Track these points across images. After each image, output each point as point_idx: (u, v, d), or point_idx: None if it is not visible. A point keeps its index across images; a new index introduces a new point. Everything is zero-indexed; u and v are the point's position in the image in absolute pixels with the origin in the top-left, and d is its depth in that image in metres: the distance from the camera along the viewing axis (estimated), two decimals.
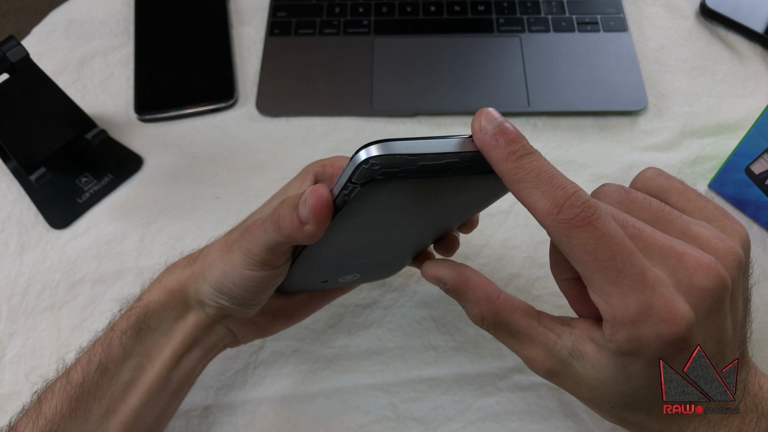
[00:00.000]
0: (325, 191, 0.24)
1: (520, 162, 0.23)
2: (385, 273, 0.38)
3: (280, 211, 0.27)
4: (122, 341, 0.32)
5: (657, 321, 0.22)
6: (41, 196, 0.47)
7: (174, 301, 0.33)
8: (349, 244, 0.29)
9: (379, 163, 0.21)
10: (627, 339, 0.23)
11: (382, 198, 0.23)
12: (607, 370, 0.25)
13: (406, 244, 0.32)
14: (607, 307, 0.23)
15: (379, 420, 0.39)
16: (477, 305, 0.27)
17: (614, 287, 0.23)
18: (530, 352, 0.27)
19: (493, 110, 0.23)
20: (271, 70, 0.54)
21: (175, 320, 0.33)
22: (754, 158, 0.43)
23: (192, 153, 0.50)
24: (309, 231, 0.25)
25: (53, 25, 0.57)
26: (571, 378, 0.27)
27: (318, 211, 0.24)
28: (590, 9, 0.56)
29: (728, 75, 0.53)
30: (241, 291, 0.31)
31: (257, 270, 0.29)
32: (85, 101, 0.53)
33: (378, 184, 0.22)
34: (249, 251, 0.29)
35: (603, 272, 0.23)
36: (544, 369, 0.27)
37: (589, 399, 0.27)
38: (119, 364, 0.31)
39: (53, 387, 0.31)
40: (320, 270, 0.33)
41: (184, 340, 0.33)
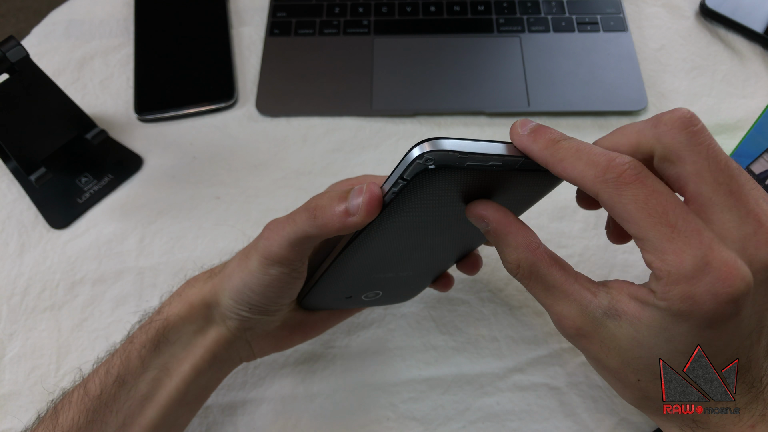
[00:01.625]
0: (377, 187, 0.25)
1: (559, 144, 0.24)
2: (405, 293, 0.39)
3: (318, 202, 0.27)
4: (141, 354, 0.31)
5: (714, 279, 0.22)
6: (41, 196, 0.47)
7: (194, 315, 0.32)
8: (383, 249, 0.29)
9: (433, 159, 0.22)
10: (680, 297, 0.22)
11: (428, 194, 0.24)
12: (648, 329, 0.24)
13: (434, 258, 0.33)
14: (662, 264, 0.22)
15: (379, 420, 0.39)
16: (516, 250, 0.26)
17: (669, 243, 0.22)
18: (562, 308, 0.26)
19: (525, 118, 0.25)
20: (271, 70, 0.54)
21: (194, 334, 0.33)
22: (754, 158, 0.43)
23: (192, 153, 0.50)
24: (353, 222, 0.25)
25: (53, 25, 0.57)
26: (601, 341, 0.25)
27: (371, 204, 0.24)
28: (590, 9, 0.56)
29: (728, 75, 0.53)
30: (260, 297, 0.31)
31: (274, 270, 0.29)
32: (85, 101, 0.53)
33: (428, 176, 0.23)
34: (267, 250, 0.29)
35: (657, 228, 0.22)
36: (574, 328, 0.26)
37: (615, 368, 0.26)
38: (137, 377, 0.31)
39: (70, 397, 0.31)
40: (347, 282, 0.33)
41: (203, 354, 0.33)
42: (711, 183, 0.23)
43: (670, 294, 0.22)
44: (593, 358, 0.26)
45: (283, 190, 0.48)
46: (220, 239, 0.46)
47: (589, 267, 0.43)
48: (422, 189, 0.24)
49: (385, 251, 0.30)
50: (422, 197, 0.25)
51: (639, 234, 0.23)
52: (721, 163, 0.22)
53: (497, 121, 0.51)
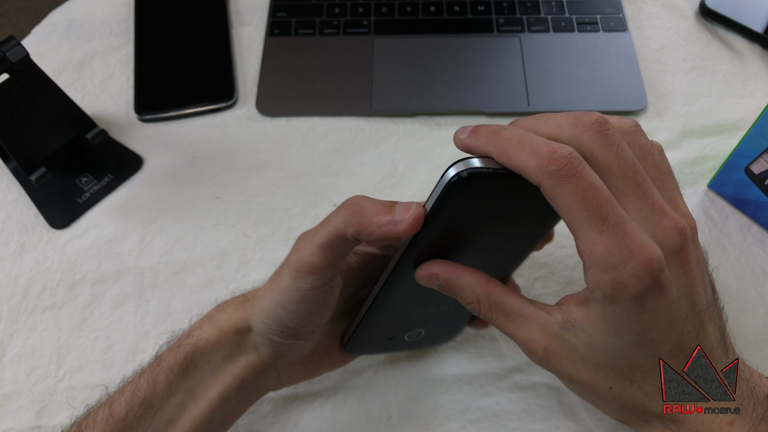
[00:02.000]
0: (421, 206, 0.26)
1: (500, 135, 0.25)
2: (446, 332, 0.39)
3: (359, 201, 0.28)
4: (168, 378, 0.31)
5: (636, 263, 0.24)
6: (41, 196, 0.47)
7: (225, 341, 0.32)
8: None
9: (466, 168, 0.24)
10: (611, 283, 0.24)
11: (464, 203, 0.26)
12: (597, 329, 0.26)
13: None
14: (591, 254, 0.24)
15: (379, 420, 0.39)
16: (470, 290, 0.28)
17: (599, 235, 0.24)
18: (526, 331, 0.28)
19: (463, 126, 0.27)
20: (271, 70, 0.54)
21: (223, 361, 0.32)
22: (754, 158, 0.43)
23: (192, 153, 0.50)
24: (396, 232, 0.26)
25: (53, 25, 0.57)
26: (567, 356, 0.27)
27: (416, 221, 0.26)
28: (590, 9, 0.56)
29: (728, 75, 0.53)
30: (293, 317, 0.30)
31: (306, 283, 0.29)
32: (85, 101, 0.53)
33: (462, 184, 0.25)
34: (298, 261, 0.29)
35: (590, 220, 0.24)
36: (541, 348, 0.27)
37: (587, 381, 0.27)
38: (163, 400, 0.31)
39: (95, 416, 0.31)
40: (391, 319, 0.33)
41: (231, 381, 0.32)
42: (621, 177, 0.25)
43: (602, 282, 0.24)
44: (567, 377, 0.28)
45: (283, 190, 0.48)
46: (220, 239, 0.46)
47: None
48: (458, 197, 0.25)
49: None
50: (459, 207, 0.26)
51: (574, 224, 0.24)
52: (628, 160, 0.25)
53: (497, 121, 0.51)
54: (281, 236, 0.46)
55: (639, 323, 0.25)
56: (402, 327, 0.34)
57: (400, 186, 0.48)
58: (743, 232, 0.45)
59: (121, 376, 0.41)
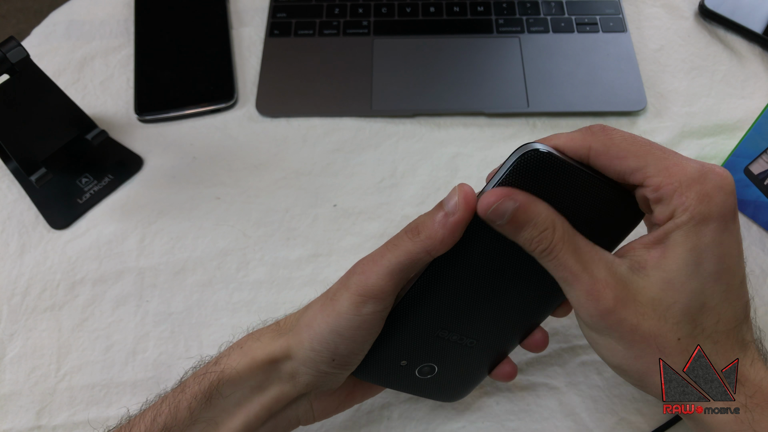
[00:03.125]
0: (467, 185, 0.27)
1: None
2: (460, 381, 0.35)
3: (417, 221, 0.28)
4: (191, 406, 0.30)
5: (716, 177, 0.25)
6: (41, 197, 0.47)
7: (256, 370, 0.31)
8: (461, 277, 0.29)
9: (533, 148, 0.26)
10: (697, 197, 0.25)
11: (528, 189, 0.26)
12: (676, 261, 0.25)
13: (500, 326, 0.32)
14: (668, 179, 0.25)
15: (379, 420, 0.39)
16: (547, 215, 0.26)
17: (666, 160, 0.25)
18: (594, 270, 0.26)
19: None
20: (271, 71, 0.54)
21: (251, 391, 0.31)
22: (753, 158, 0.43)
23: (192, 153, 0.50)
24: (456, 220, 0.26)
25: (53, 25, 0.58)
26: (635, 301, 0.26)
27: (467, 198, 0.26)
28: (589, 10, 0.56)
29: (727, 75, 0.53)
30: (348, 344, 0.29)
31: (368, 309, 0.28)
32: (86, 102, 0.53)
33: (529, 163, 0.26)
34: (362, 286, 0.28)
35: (651, 153, 0.25)
36: (611, 292, 0.26)
37: (654, 331, 0.26)
38: (184, 428, 0.30)
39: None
40: (408, 334, 0.31)
41: (258, 412, 0.31)
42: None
43: (688, 200, 0.25)
44: (629, 330, 0.26)
45: (283, 191, 0.48)
46: (221, 239, 0.46)
47: None
48: (523, 177, 0.26)
49: (461, 283, 0.29)
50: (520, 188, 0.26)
51: (639, 163, 0.26)
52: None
53: (497, 122, 0.51)
54: (281, 236, 0.46)
55: (721, 246, 0.25)
56: (418, 351, 0.32)
57: (400, 186, 0.48)
58: (743, 233, 0.45)
59: (121, 376, 0.41)
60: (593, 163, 0.27)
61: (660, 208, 0.26)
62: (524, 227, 0.26)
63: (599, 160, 0.27)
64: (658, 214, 0.26)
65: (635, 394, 0.39)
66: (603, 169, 0.27)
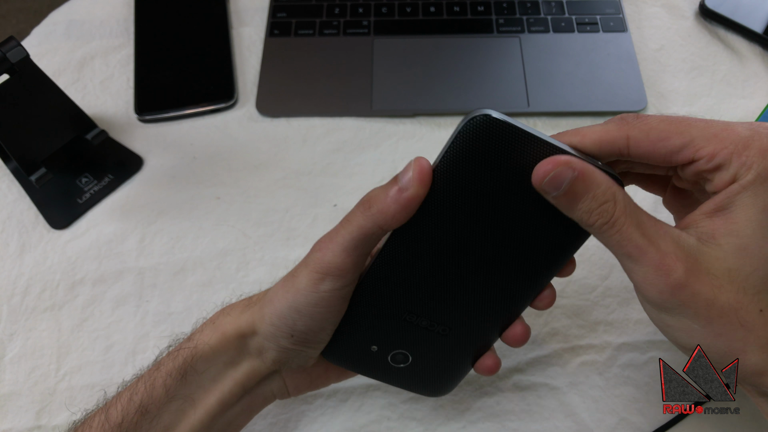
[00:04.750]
0: (424, 158, 0.25)
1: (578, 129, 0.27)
2: (439, 375, 0.33)
3: (369, 194, 0.27)
4: (166, 383, 0.30)
5: (766, 131, 0.24)
6: (41, 197, 0.47)
7: (227, 345, 0.31)
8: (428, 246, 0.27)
9: (481, 115, 0.24)
10: (759, 153, 0.23)
11: (474, 156, 0.25)
12: (749, 224, 0.24)
13: (478, 306, 0.30)
14: (721, 144, 0.24)
15: (379, 420, 0.39)
16: (608, 187, 0.25)
17: (713, 127, 0.24)
18: (661, 244, 0.24)
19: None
20: (271, 71, 0.54)
21: (225, 366, 0.31)
22: None
23: (192, 153, 0.50)
24: (409, 196, 0.25)
25: (53, 25, 0.58)
26: (708, 274, 0.24)
27: (422, 172, 0.25)
28: (589, 9, 0.56)
29: (727, 75, 0.53)
30: (306, 320, 0.29)
31: (326, 285, 0.28)
32: (86, 102, 0.53)
33: (475, 131, 0.24)
34: (320, 262, 0.28)
35: (693, 125, 0.25)
36: (681, 264, 0.24)
37: (733, 304, 0.24)
38: (161, 406, 0.30)
39: (91, 422, 0.30)
40: (374, 319, 0.30)
41: (232, 388, 0.31)
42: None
43: (749, 159, 0.24)
44: (706, 305, 0.24)
45: (283, 191, 0.48)
46: (220, 239, 0.46)
47: (589, 267, 0.43)
48: (474, 146, 0.25)
49: (425, 262, 0.28)
50: (473, 158, 0.25)
51: (684, 140, 0.25)
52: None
53: None
54: (281, 236, 0.46)
55: None
56: (386, 336, 0.31)
57: None
58: None
59: (121, 376, 0.41)
60: (633, 152, 0.26)
61: (720, 175, 0.24)
62: (582, 199, 0.24)
63: (641, 148, 0.25)
64: (718, 182, 0.24)
65: (636, 394, 0.39)
66: (646, 156, 0.26)
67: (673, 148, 0.25)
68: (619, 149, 0.26)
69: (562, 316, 0.42)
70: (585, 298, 0.42)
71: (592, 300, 0.42)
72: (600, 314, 0.42)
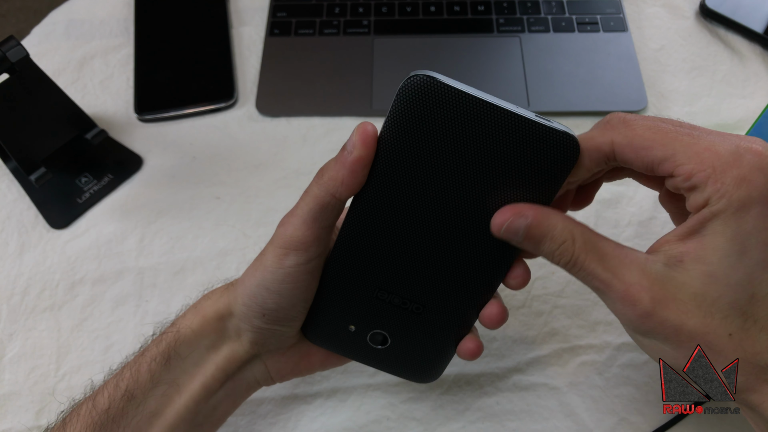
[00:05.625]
0: (369, 123, 0.25)
1: None
2: (420, 357, 0.32)
3: (322, 167, 0.27)
4: (151, 368, 0.30)
5: (752, 156, 0.23)
6: (41, 196, 0.47)
7: (207, 329, 0.31)
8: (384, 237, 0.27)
9: (421, 75, 0.23)
10: (734, 182, 0.23)
11: (419, 116, 0.24)
12: (717, 252, 0.23)
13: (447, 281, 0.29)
14: (700, 165, 0.23)
15: (379, 420, 0.39)
16: (564, 227, 0.25)
17: (697, 144, 0.24)
18: (626, 275, 0.25)
19: None
20: (271, 70, 0.54)
21: (207, 350, 0.31)
22: None
23: (192, 153, 0.50)
24: (354, 158, 0.25)
25: (53, 25, 0.57)
26: (676, 299, 0.24)
27: (364, 134, 0.25)
28: (590, 9, 0.56)
29: (728, 75, 0.53)
30: (276, 297, 0.29)
31: (290, 260, 0.28)
32: (85, 101, 0.53)
33: (415, 90, 0.23)
34: (282, 237, 0.28)
35: (679, 139, 0.24)
36: (646, 294, 0.24)
37: (701, 329, 0.24)
38: (146, 392, 0.30)
39: (79, 410, 0.30)
40: (347, 297, 0.30)
41: (215, 373, 0.31)
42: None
43: (724, 187, 0.23)
44: (674, 330, 0.24)
45: (283, 190, 0.48)
46: (220, 239, 0.46)
47: None
48: (411, 107, 0.24)
49: (388, 234, 0.27)
50: (413, 120, 0.24)
51: (666, 152, 0.24)
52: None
53: None
54: None
55: (766, 230, 0.23)
56: (362, 316, 0.31)
57: None
58: None
59: None
60: (619, 158, 0.26)
61: (694, 196, 0.24)
62: (542, 242, 0.25)
63: (624, 154, 0.25)
64: (692, 202, 0.24)
65: (635, 394, 0.39)
66: (630, 163, 0.26)
67: (654, 159, 0.25)
68: (606, 155, 0.26)
69: (562, 316, 0.42)
70: (585, 298, 0.42)
71: (592, 300, 0.42)
72: (600, 314, 0.42)
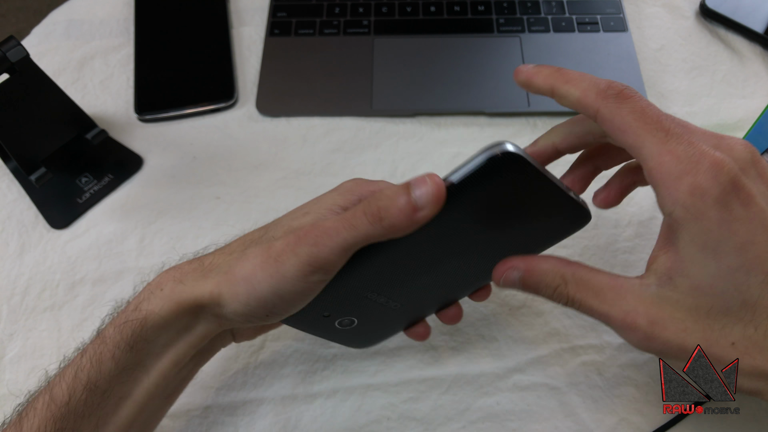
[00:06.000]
0: (438, 177, 0.25)
1: (563, 70, 0.28)
2: (377, 333, 0.37)
3: (379, 204, 0.25)
4: (115, 356, 0.29)
5: (709, 166, 0.23)
6: (41, 196, 0.47)
7: (181, 315, 0.29)
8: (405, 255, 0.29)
9: (506, 150, 0.24)
10: (688, 190, 0.23)
11: (491, 187, 0.25)
12: (693, 261, 0.24)
13: (431, 293, 0.33)
14: (661, 167, 0.24)
15: (379, 420, 0.39)
16: (554, 272, 0.27)
17: (664, 144, 0.24)
18: (622, 305, 0.25)
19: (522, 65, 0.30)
20: (271, 70, 0.54)
21: (178, 333, 0.30)
22: None
23: (192, 153, 0.50)
24: (422, 216, 0.24)
25: (53, 25, 0.57)
26: (673, 318, 0.25)
27: (438, 193, 0.24)
28: (590, 9, 0.56)
29: (728, 75, 0.53)
30: (287, 305, 0.28)
31: (315, 278, 0.27)
32: (85, 101, 0.53)
33: (497, 165, 0.24)
34: (315, 257, 0.26)
35: (653, 133, 0.24)
36: (643, 319, 0.25)
37: (704, 343, 0.24)
38: (111, 380, 0.29)
39: (35, 404, 0.28)
40: (339, 299, 0.31)
41: (187, 350, 0.31)
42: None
43: (679, 194, 0.24)
44: (679, 349, 0.25)
45: (283, 190, 0.48)
46: (220, 239, 0.46)
47: None
48: (493, 178, 0.25)
49: (398, 256, 0.29)
50: (487, 188, 0.25)
51: (636, 142, 0.25)
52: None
53: (497, 121, 0.51)
54: None
55: (734, 235, 0.23)
56: (345, 308, 0.32)
57: None
58: None
59: None
60: (599, 124, 0.27)
61: (657, 196, 0.25)
62: (538, 289, 0.27)
63: (604, 125, 0.26)
64: (658, 201, 0.25)
65: (636, 394, 0.39)
66: (607, 136, 0.27)
67: (625, 144, 0.26)
68: (590, 116, 0.27)
69: (562, 316, 0.42)
70: None
71: None
72: None
